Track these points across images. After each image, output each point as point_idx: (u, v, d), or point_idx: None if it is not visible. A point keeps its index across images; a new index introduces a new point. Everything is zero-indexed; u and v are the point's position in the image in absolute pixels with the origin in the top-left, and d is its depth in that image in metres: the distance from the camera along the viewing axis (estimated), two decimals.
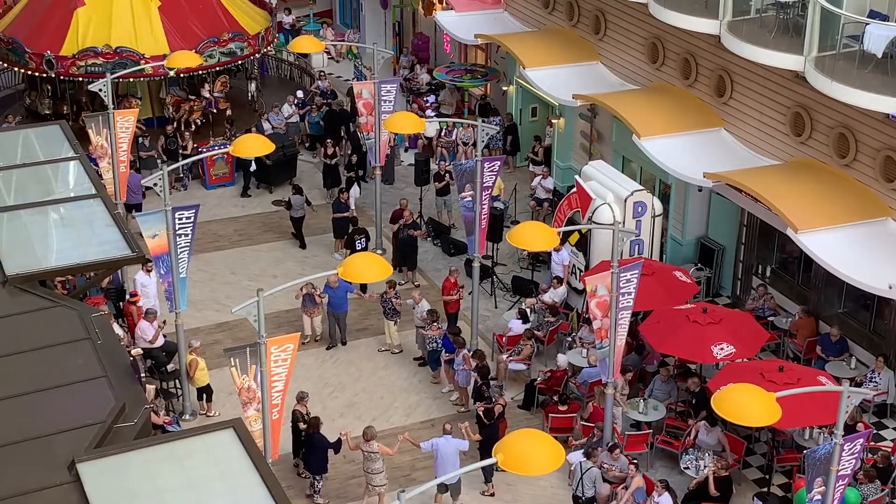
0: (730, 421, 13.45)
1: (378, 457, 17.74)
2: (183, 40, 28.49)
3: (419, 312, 21.61)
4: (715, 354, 18.40)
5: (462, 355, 20.30)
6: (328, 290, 21.93)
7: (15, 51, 28.66)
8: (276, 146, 28.10)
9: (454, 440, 17.84)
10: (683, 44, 23.42)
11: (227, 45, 29.31)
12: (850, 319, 20.92)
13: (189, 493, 12.54)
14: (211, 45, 28.89)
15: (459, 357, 20.33)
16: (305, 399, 18.75)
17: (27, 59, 28.41)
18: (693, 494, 17.78)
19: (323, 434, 18.13)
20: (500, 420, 18.85)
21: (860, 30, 18.51)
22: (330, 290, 21.93)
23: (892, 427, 19.85)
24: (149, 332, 20.58)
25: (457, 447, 17.79)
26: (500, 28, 28.93)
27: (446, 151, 29.31)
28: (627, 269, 17.64)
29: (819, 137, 20.53)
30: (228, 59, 29.44)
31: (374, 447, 17.68)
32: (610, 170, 23.25)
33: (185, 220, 19.18)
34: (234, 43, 29.43)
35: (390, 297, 21.92)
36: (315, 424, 18.13)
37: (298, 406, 18.58)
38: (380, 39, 35.15)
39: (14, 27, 29.27)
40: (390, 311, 22.05)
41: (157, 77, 28.86)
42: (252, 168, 28.23)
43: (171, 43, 28.33)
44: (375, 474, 17.86)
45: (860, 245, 18.75)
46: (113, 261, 18.36)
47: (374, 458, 17.75)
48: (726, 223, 23.32)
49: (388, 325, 22.26)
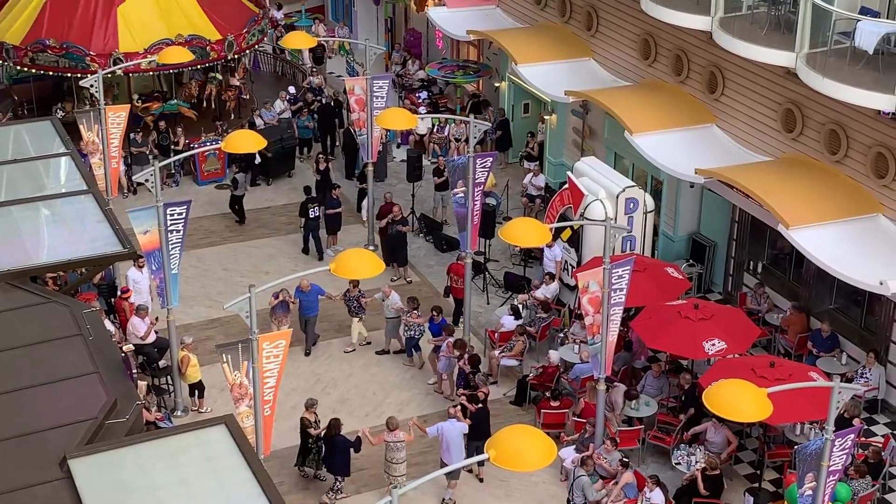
0: (721, 417, 13.49)
1: (402, 446, 17.85)
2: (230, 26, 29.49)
3: (390, 305, 21.66)
4: (706, 350, 18.44)
5: (447, 343, 20.51)
6: (299, 294, 21.61)
7: (71, 55, 28.06)
8: (275, 138, 28.47)
9: (459, 423, 18.04)
10: (675, 40, 23.45)
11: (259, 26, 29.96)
12: (841, 315, 20.97)
13: (181, 489, 12.55)
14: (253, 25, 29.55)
15: (444, 345, 20.55)
16: (314, 406, 18.48)
17: (88, 62, 27.88)
18: (685, 490, 17.82)
19: (344, 435, 18.04)
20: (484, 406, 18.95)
21: (851, 26, 18.54)
22: (301, 294, 21.62)
23: (882, 423, 19.92)
24: (140, 328, 20.55)
25: (461, 430, 18.01)
26: (493, 24, 28.92)
27: (439, 148, 29.32)
28: (619, 266, 17.66)
29: (810, 134, 20.57)
30: None
31: (400, 436, 17.78)
32: (602, 166, 23.27)
33: (176, 216, 19.13)
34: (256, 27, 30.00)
35: (354, 295, 21.85)
36: (337, 426, 18.02)
37: (307, 413, 18.32)
38: (372, 35, 35.13)
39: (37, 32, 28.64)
40: (356, 309, 21.97)
41: None
42: (257, 161, 28.29)
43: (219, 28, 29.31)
44: (398, 464, 17.92)
45: (851, 241, 18.79)
46: (104, 257, 18.36)
47: (398, 448, 17.85)
48: (718, 219, 23.36)
49: (354, 323, 22.13)
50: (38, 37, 28.29)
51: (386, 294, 21.79)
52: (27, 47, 28.25)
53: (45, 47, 28.06)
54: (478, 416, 18.58)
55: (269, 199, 28.30)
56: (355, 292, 21.89)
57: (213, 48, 29.20)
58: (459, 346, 20.28)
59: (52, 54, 28.00)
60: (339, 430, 17.99)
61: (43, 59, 28.08)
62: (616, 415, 19.10)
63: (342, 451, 17.99)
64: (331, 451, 18.09)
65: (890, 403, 20.00)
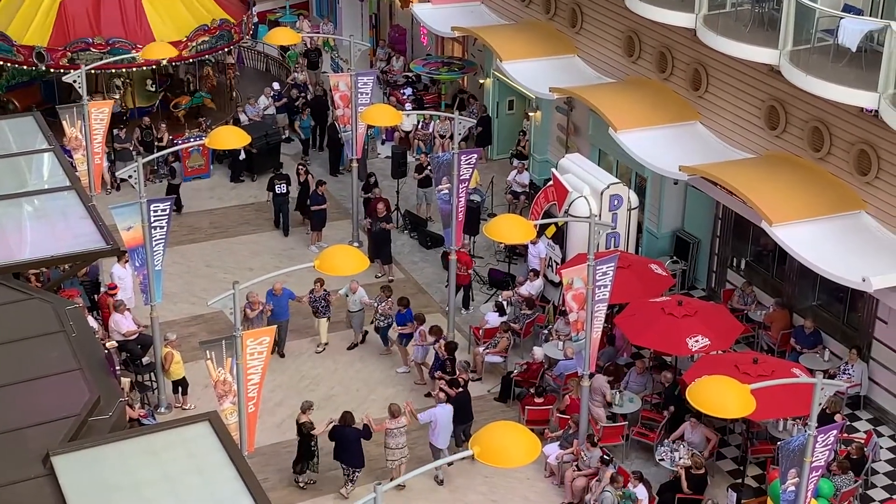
0: (705, 413, 13.53)
1: (404, 431, 18.08)
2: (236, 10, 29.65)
3: (356, 299, 21.73)
4: (690, 347, 18.50)
5: (419, 331, 20.68)
6: (271, 297, 21.37)
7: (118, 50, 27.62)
8: (260, 134, 28.45)
9: (448, 406, 18.38)
10: (659, 37, 23.49)
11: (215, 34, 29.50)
12: (823, 312, 21.06)
13: (165, 486, 12.51)
14: (201, 33, 29.00)
15: (416, 333, 20.77)
16: (310, 410, 18.31)
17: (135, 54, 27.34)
18: (668, 486, 17.87)
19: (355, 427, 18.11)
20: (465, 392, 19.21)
21: (835, 24, 18.60)
22: (274, 299, 21.40)
23: (865, 419, 20.01)
24: (123, 324, 20.49)
25: (450, 413, 18.34)
26: (477, 21, 28.91)
27: (423, 144, 29.31)
28: (603, 262, 17.69)
29: (793, 131, 20.64)
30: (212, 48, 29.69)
31: (403, 422, 18.03)
32: (586, 163, 23.31)
33: (160, 212, 19.08)
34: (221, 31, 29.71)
35: (320, 294, 21.77)
36: (350, 419, 18.02)
37: (305, 417, 18.16)
38: (356, 32, 35.08)
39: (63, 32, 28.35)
40: (323, 309, 21.90)
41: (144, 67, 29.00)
42: (241, 157, 28.30)
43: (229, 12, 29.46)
44: (399, 449, 18.14)
45: (834, 238, 18.86)
46: (87, 253, 18.27)
47: (400, 433, 18.06)
48: (702, 216, 23.42)
49: (321, 324, 22.01)
50: (73, 37, 27.94)
51: (353, 289, 21.78)
52: (64, 48, 27.82)
53: (90, 45, 27.79)
54: (459, 400, 18.81)
55: (253, 195, 28.24)
56: (321, 291, 21.79)
57: (236, 31, 29.73)
58: (435, 331, 20.55)
59: (96, 52, 27.59)
60: (352, 422, 18.00)
61: (85, 57, 27.51)
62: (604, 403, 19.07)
63: (355, 442, 18.01)
64: (344, 444, 18.02)
65: (872, 400, 20.10)
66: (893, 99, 17.24)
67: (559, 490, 18.54)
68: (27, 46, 27.92)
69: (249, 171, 28.86)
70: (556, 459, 18.61)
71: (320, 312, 21.95)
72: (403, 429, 18.11)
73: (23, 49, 27.96)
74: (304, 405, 18.41)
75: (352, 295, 21.80)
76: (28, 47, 27.89)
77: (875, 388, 20.01)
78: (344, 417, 18.07)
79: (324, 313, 21.96)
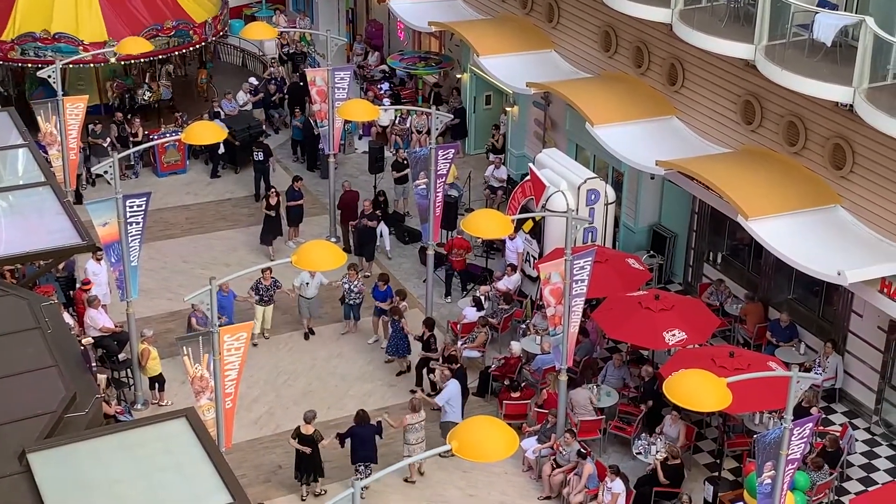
0: (682, 406, 13.58)
1: (422, 426, 18.26)
2: (126, 27, 28.42)
3: (314, 284, 21.78)
4: (667, 340, 18.56)
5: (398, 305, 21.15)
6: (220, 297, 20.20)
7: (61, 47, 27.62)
8: (243, 126, 28.39)
9: (456, 382, 18.91)
10: (636, 32, 23.54)
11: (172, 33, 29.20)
12: (799, 305, 21.18)
13: (141, 482, 12.47)
14: (155, 32, 28.70)
15: None
16: (313, 420, 17.96)
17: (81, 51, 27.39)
18: (646, 479, 17.94)
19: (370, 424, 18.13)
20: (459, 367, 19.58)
21: (810, 19, 18.70)
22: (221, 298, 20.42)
23: (840, 412, 20.14)
24: (98, 320, 20.38)
25: (458, 388, 18.86)
26: (454, 15, 28.90)
27: (400, 139, 29.28)
28: (581, 257, 17.73)
29: (769, 125, 20.73)
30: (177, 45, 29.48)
31: (423, 416, 18.24)
32: (563, 158, 23.34)
33: (136, 207, 18.99)
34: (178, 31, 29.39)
35: (268, 283, 21.66)
36: (365, 417, 18.00)
37: (310, 427, 17.86)
38: (333, 26, 35.00)
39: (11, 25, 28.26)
40: (267, 298, 21.80)
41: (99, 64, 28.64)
42: (221, 150, 28.22)
43: (111, 30, 28.27)
44: (419, 444, 18.24)
45: (809, 232, 18.97)
46: (63, 249, 18.20)
47: (421, 427, 18.25)
48: (678, 211, 23.51)
49: (265, 311, 21.85)
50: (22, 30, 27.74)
51: (312, 273, 21.75)
52: (13, 41, 27.69)
53: (36, 39, 27.58)
54: (457, 376, 19.18)
55: (229, 190, 28.15)
56: (269, 280, 21.68)
57: (195, 31, 29.42)
58: (395, 311, 20.89)
59: (43, 45, 27.44)
60: (367, 421, 18.01)
61: (34, 51, 27.47)
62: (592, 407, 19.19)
63: (371, 440, 18.03)
64: (361, 442, 17.96)
65: (847, 393, 20.24)
66: (868, 93, 17.35)
67: (537, 484, 18.59)
68: (95, 44, 27.60)
69: (232, 164, 28.81)
70: (534, 454, 18.65)
71: (264, 301, 21.80)
72: (423, 423, 18.29)
73: (89, 47, 27.67)
74: (307, 416, 17.97)
75: (311, 281, 21.81)
76: (98, 44, 27.54)
77: (850, 380, 20.14)
78: (359, 416, 18.04)
79: (268, 301, 21.84)
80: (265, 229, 24.91)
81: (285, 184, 26.08)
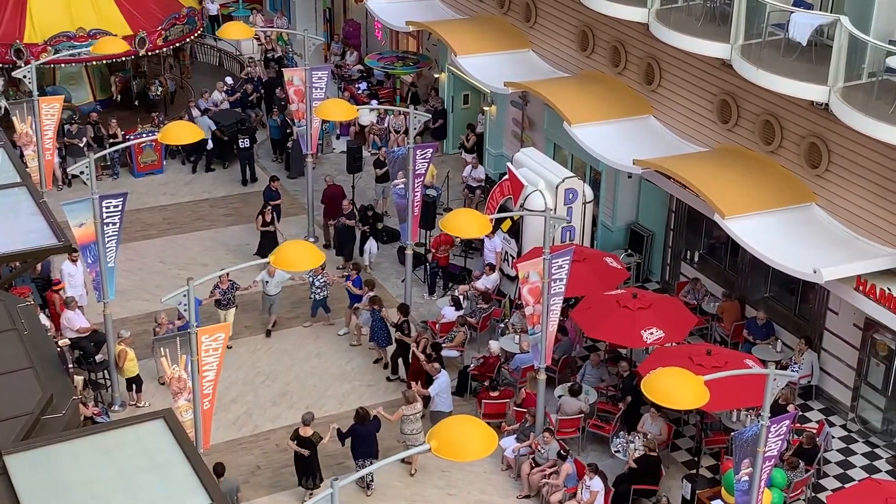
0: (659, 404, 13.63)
1: (419, 416, 18.29)
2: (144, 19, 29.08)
3: (275, 282, 21.81)
4: (645, 339, 18.62)
5: (366, 297, 21.28)
6: None
7: None
8: (231, 121, 28.36)
9: (446, 373, 19.31)
10: (613, 32, 23.61)
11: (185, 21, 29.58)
12: (776, 303, 21.29)
13: (119, 484, 12.42)
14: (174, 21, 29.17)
15: (365, 298, 21.28)
16: (311, 422, 17.90)
17: None
18: (624, 477, 17.99)
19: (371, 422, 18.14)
20: None
21: (785, 18, 18.80)
22: None
23: (817, 409, 20.26)
24: (75, 321, 20.28)
25: (448, 379, 19.25)
26: (432, 15, 28.90)
27: (379, 139, 29.27)
28: (559, 256, 17.78)
29: (745, 124, 20.83)
30: None
31: (419, 407, 18.32)
32: (541, 157, 23.39)
33: (112, 208, 18.91)
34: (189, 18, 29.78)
35: (226, 287, 21.53)
36: (365, 415, 17.97)
37: (308, 429, 17.81)
38: (310, 26, 34.94)
39: None
40: (226, 302, 21.64)
41: None
42: (209, 146, 28.23)
43: (132, 23, 28.86)
44: (415, 434, 18.29)
45: (786, 230, 19.07)
46: (38, 250, 18.10)
47: (416, 419, 18.27)
48: (655, 209, 23.59)
49: (226, 315, 21.60)
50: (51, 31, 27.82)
51: (271, 273, 21.75)
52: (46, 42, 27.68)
53: (71, 38, 27.59)
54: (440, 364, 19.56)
55: (207, 190, 28.07)
56: (227, 283, 21.52)
57: (198, 18, 29.82)
58: (376, 301, 20.98)
59: (78, 44, 27.38)
60: (369, 417, 18.01)
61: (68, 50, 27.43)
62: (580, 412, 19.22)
63: (372, 436, 18.03)
64: (361, 440, 17.96)
65: (824, 390, 20.36)
66: (843, 92, 17.46)
67: (516, 483, 18.62)
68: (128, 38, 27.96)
69: (220, 159, 28.78)
70: (513, 453, 18.68)
71: (224, 305, 21.64)
72: (419, 414, 18.36)
73: None
74: (306, 418, 17.92)
75: (271, 279, 21.76)
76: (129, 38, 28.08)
77: (826, 378, 20.26)
78: (359, 414, 18.00)
79: (228, 305, 21.73)
80: (262, 244, 24.16)
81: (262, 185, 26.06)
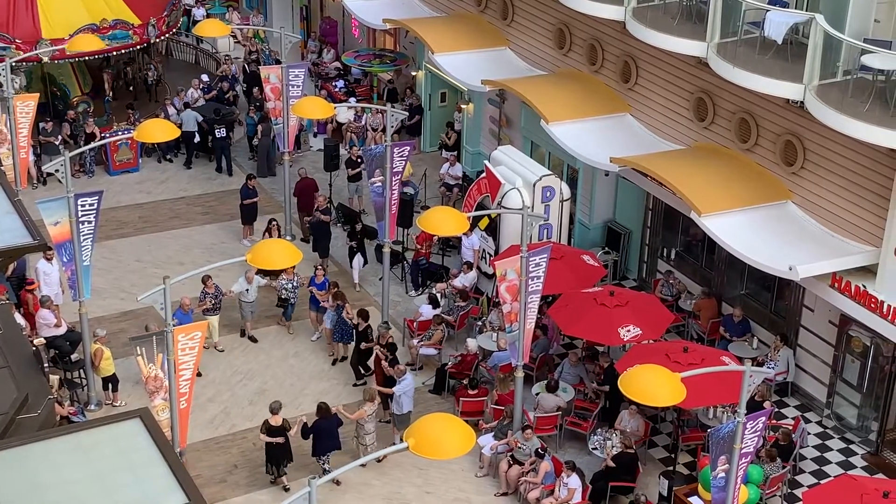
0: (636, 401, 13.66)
1: (374, 416, 18.44)
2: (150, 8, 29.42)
3: (253, 288, 21.77)
4: (622, 336, 18.68)
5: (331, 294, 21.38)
6: (180, 314, 20.09)
7: None
8: (216, 114, 28.44)
9: (411, 375, 19.35)
10: (590, 30, 23.65)
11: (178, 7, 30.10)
12: (752, 301, 21.39)
13: (96, 484, 12.37)
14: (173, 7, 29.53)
15: (329, 298, 21.33)
16: (280, 410, 18.02)
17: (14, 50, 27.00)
18: (602, 474, 18.04)
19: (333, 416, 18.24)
20: None
21: (761, 16, 18.89)
22: (182, 316, 19.98)
23: (793, 405, 20.38)
24: (50, 318, 20.16)
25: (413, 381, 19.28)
26: (409, 13, 28.87)
27: (356, 137, 29.23)
28: (536, 254, 17.80)
29: (721, 122, 20.92)
30: None
31: (375, 406, 18.47)
32: (519, 155, 23.42)
33: (87, 206, 18.80)
34: None
35: (212, 292, 21.36)
36: (328, 409, 18.04)
37: (278, 418, 17.86)
38: (287, 24, 34.86)
39: None
40: (213, 307, 21.45)
41: None
42: (196, 140, 28.23)
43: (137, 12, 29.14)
44: (370, 433, 18.47)
45: (761, 228, 19.16)
46: (13, 249, 17.99)
47: (371, 419, 18.39)
48: (632, 207, 23.66)
49: (214, 319, 21.38)
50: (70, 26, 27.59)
51: (250, 279, 21.71)
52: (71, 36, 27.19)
53: (96, 30, 27.36)
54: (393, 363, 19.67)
55: (183, 188, 27.96)
56: (212, 288, 21.34)
57: (135, 32, 29.05)
58: (339, 296, 21.06)
59: (102, 35, 27.01)
60: (330, 413, 18.05)
61: None
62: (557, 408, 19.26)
63: (335, 430, 18.14)
64: (326, 434, 18.02)
65: (799, 387, 20.47)
66: (818, 90, 17.55)
67: (494, 481, 18.64)
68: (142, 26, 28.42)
69: (205, 151, 28.80)
70: (491, 451, 18.70)
71: (210, 311, 21.35)
72: (374, 415, 18.52)
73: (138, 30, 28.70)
74: (273, 406, 18.03)
75: (250, 286, 21.72)
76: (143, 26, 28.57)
77: (802, 374, 20.38)
78: (322, 409, 18.05)
79: (214, 312, 21.44)
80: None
81: (239, 183, 25.97)
